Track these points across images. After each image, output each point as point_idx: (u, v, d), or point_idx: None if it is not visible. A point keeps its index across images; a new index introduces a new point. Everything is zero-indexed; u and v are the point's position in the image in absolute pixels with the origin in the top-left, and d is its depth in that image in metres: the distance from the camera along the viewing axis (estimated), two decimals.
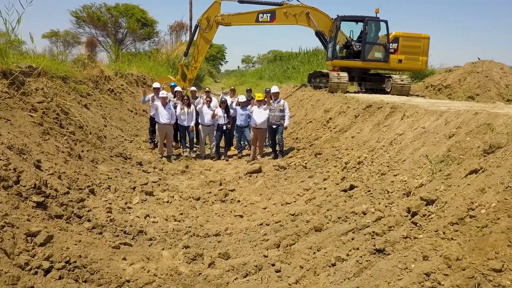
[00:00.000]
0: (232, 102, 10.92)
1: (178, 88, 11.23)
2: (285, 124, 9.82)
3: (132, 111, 13.55)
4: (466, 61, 20.95)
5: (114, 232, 5.59)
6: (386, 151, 6.82)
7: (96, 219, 5.82)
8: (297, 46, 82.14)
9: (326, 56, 15.82)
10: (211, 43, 15.98)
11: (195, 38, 15.59)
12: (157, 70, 20.99)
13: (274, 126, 9.87)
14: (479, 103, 10.04)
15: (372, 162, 6.82)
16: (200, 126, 10.86)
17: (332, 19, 15.56)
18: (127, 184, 7.66)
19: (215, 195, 7.68)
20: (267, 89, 10.83)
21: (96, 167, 8.07)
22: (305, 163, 8.67)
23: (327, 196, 6.47)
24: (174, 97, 11.04)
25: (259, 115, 10.03)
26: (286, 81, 25.33)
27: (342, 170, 7.16)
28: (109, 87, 13.86)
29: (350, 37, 15.37)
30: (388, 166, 6.26)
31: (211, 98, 10.88)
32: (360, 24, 14.97)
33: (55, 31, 39.51)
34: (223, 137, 10.92)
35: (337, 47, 14.93)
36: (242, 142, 11.27)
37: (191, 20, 27.99)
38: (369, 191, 5.90)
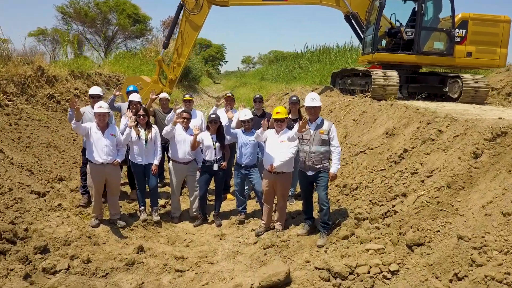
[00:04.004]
0: (229, 120, 5.62)
1: (135, 97, 5.97)
2: (332, 170, 4.55)
3: None
4: None
5: None
6: None
7: None
8: (292, 46, 76.27)
9: (362, 48, 10.53)
10: (199, 34, 10.64)
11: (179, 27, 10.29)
12: (140, 69, 15.69)
13: (310, 173, 4.61)
14: None
15: None
16: (171, 163, 5.61)
17: None
18: None
19: None
20: (294, 98, 5.59)
21: None
22: (394, 272, 3.47)
23: None
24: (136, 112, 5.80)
25: (279, 147, 4.81)
26: (293, 82, 20.02)
27: None
28: (48, 92, 8.59)
29: (395, 22, 10.16)
30: None
31: (190, 114, 5.61)
32: (410, 3, 9.76)
33: (42, 29, 33.96)
34: (211, 182, 5.69)
35: (378, 35, 9.68)
36: (246, 190, 6.04)
37: None
38: None
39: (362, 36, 10.48)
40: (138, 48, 28.36)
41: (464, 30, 9.37)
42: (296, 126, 4.57)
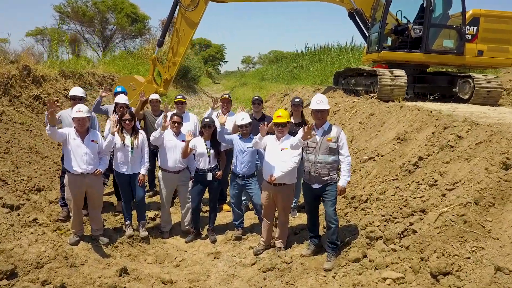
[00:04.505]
0: (223, 126, 5.01)
1: (121, 99, 5.38)
2: (341, 183, 3.95)
3: None
4: None
5: None
6: None
7: None
8: (292, 46, 75.24)
9: (367, 46, 9.91)
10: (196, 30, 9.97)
11: (173, 24, 9.68)
12: (136, 68, 15.09)
13: (316, 186, 4.01)
14: None
15: None
16: (160, 173, 5.01)
17: None
18: None
19: None
20: (297, 100, 4.98)
21: None
22: None
23: None
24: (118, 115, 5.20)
25: (280, 155, 4.21)
26: (293, 82, 19.42)
27: None
28: (34, 93, 8.00)
29: (401, 19, 9.56)
30: None
31: (182, 118, 5.00)
32: None
33: (40, 28, 33.37)
34: (205, 194, 5.08)
35: (384, 33, 9.09)
36: (244, 200, 5.45)
37: None
38: None
39: (367, 34, 9.88)
40: (137, 48, 27.79)
41: (475, 27, 8.78)
42: (300, 133, 3.97)
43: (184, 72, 22.72)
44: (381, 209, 4.42)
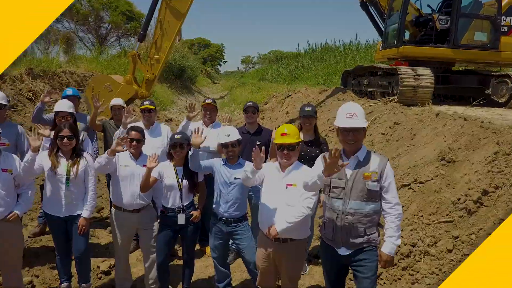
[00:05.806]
0: (196, 141, 3.35)
1: (62, 105, 3.76)
2: (387, 250, 2.34)
3: None
4: None
5: None
6: None
7: None
8: (292, 45, 73.36)
9: (383, 41, 8.31)
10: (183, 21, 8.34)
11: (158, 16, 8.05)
12: (124, 67, 13.50)
13: (343, 252, 2.41)
14: None
15: None
16: (113, 211, 3.42)
17: None
18: None
19: None
20: (308, 109, 3.36)
21: None
22: None
23: None
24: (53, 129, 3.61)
25: (285, 195, 2.63)
26: (294, 82, 17.85)
27: None
28: None
29: (421, 8, 8.02)
30: None
31: (143, 134, 3.40)
32: None
33: None
34: (176, 242, 3.50)
35: (403, 25, 7.52)
36: (232, 245, 3.88)
37: None
38: None
39: (383, 26, 8.31)
40: (132, 47, 26.20)
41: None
42: (319, 162, 2.40)
43: (179, 72, 21.18)
44: (437, 274, 2.85)
